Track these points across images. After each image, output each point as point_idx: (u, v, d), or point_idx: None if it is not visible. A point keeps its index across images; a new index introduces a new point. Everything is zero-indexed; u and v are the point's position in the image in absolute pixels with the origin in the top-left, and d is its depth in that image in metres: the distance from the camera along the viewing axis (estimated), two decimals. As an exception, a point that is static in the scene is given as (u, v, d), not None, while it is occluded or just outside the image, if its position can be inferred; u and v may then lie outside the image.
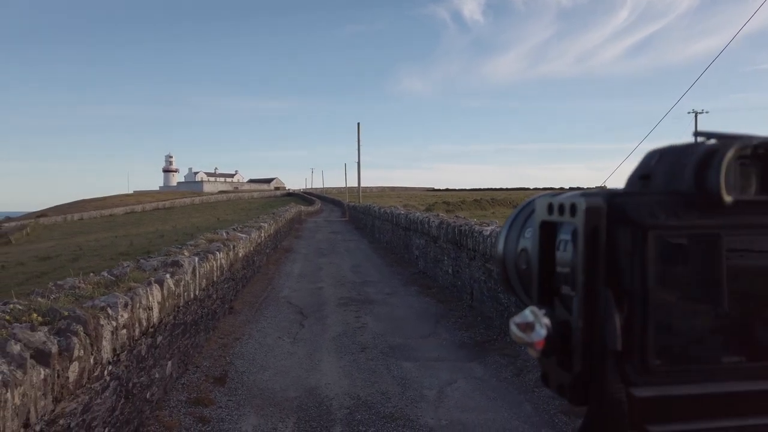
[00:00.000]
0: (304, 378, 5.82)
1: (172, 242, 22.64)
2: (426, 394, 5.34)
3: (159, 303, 4.91)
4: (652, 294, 0.39)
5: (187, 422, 4.73)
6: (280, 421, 4.78)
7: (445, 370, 6.04)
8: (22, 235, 51.06)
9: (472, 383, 5.61)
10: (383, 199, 66.53)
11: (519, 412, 4.92)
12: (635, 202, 0.40)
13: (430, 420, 4.79)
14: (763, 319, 0.41)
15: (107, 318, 3.72)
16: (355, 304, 9.56)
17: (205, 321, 6.90)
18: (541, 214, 0.45)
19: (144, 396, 4.57)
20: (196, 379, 5.74)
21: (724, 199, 0.39)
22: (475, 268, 8.99)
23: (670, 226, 0.40)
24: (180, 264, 6.01)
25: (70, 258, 23.91)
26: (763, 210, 0.41)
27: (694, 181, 0.40)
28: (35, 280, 17.15)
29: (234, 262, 9.26)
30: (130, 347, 4.18)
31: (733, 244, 0.40)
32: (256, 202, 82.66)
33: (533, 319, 0.43)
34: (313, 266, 14.47)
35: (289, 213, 27.27)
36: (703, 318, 0.41)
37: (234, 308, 8.93)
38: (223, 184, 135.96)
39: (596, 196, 0.41)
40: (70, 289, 4.35)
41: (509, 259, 0.56)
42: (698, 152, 0.41)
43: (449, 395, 5.32)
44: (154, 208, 79.91)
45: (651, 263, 0.39)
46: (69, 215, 69.68)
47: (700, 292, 0.40)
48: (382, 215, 21.47)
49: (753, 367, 0.41)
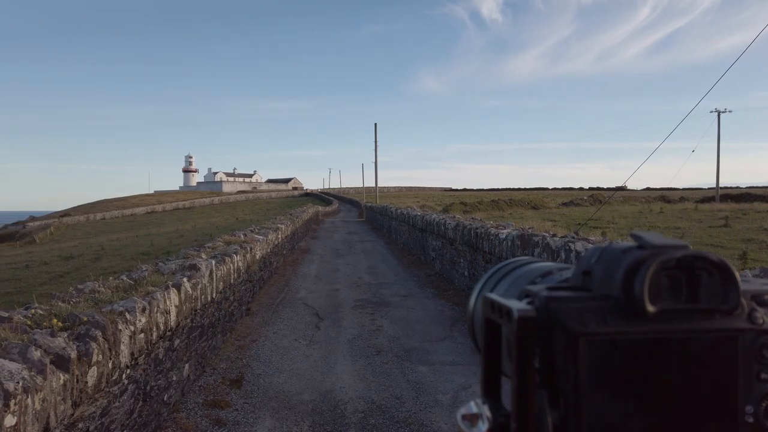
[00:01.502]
0: (319, 381, 5.85)
1: (191, 242, 22.90)
2: (440, 399, 5.34)
3: (176, 307, 4.98)
4: (585, 394, 0.41)
5: (204, 425, 4.79)
6: (295, 425, 4.82)
7: (459, 374, 6.03)
8: (46, 234, 52.07)
9: (486, 388, 5.59)
10: (400, 199, 66.47)
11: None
12: (567, 308, 0.42)
13: (444, 425, 4.79)
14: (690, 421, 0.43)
15: (125, 323, 3.79)
16: (371, 306, 9.58)
17: (222, 323, 6.98)
18: (486, 310, 0.46)
19: (161, 398, 4.64)
20: (213, 381, 5.81)
21: (647, 309, 0.42)
22: (491, 271, 8.95)
23: (599, 332, 0.42)
24: (197, 267, 6.09)
25: (92, 257, 24.33)
26: (687, 317, 0.43)
27: (622, 288, 0.43)
28: (58, 280, 17.49)
29: (251, 264, 9.34)
30: (147, 351, 4.25)
31: (659, 349, 0.43)
32: (274, 202, 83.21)
33: (477, 411, 0.45)
34: (330, 267, 14.52)
35: (307, 213, 27.40)
36: (635, 418, 0.42)
37: (251, 310, 9.02)
38: (242, 184, 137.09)
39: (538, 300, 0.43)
40: (89, 294, 4.44)
41: (477, 317, 0.58)
42: (627, 261, 0.43)
43: (464, 400, 5.31)
44: (175, 208, 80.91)
45: (582, 366, 0.41)
46: (91, 215, 70.88)
47: (630, 393, 0.42)
48: (399, 216, 21.47)
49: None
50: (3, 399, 2.36)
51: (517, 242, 7.79)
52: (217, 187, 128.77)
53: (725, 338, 0.44)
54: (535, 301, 0.44)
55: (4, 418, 2.35)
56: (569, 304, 0.43)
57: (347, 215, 49.47)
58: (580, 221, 23.06)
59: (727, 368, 0.44)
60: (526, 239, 7.50)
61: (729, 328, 0.44)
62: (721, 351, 0.44)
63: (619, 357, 0.42)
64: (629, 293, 0.42)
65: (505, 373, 0.47)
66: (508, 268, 0.61)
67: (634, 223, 23.50)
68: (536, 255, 7.03)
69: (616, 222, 23.53)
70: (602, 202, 41.44)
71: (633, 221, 24.40)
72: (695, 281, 0.44)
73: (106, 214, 72.16)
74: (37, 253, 31.91)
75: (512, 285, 0.57)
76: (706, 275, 0.44)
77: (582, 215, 29.19)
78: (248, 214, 54.28)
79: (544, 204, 48.57)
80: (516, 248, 7.80)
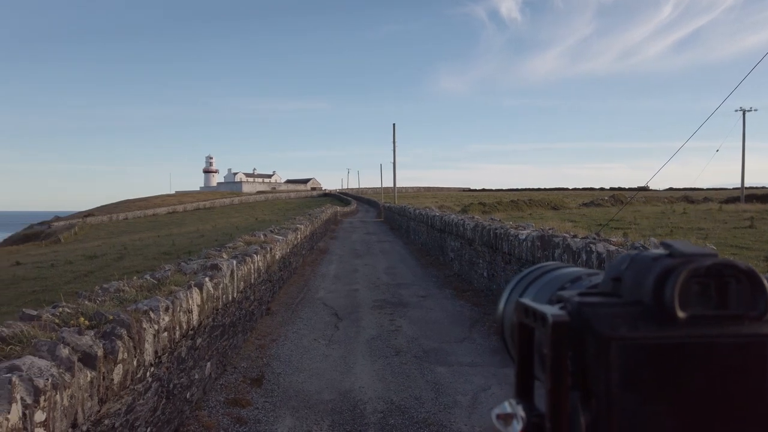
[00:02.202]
0: (338, 381, 5.89)
1: (212, 242, 23.16)
2: (460, 400, 5.33)
3: (198, 306, 5.05)
4: (616, 397, 0.43)
5: (225, 423, 4.85)
6: (315, 424, 4.85)
7: (479, 375, 6.01)
8: (71, 234, 53.09)
9: (506, 390, 5.57)
10: (419, 199, 66.38)
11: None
12: (599, 314, 0.44)
13: (464, 426, 4.78)
14: (720, 425, 0.44)
15: (149, 321, 3.86)
16: (389, 306, 9.59)
17: (242, 322, 7.05)
18: (520, 315, 0.48)
19: (184, 396, 4.71)
20: (234, 380, 5.88)
21: (677, 314, 0.43)
22: (511, 271, 8.90)
23: (629, 337, 0.43)
24: (219, 267, 6.17)
25: (115, 257, 24.75)
26: (717, 323, 0.44)
27: (653, 294, 0.44)
28: (82, 279, 17.82)
29: (271, 264, 9.43)
30: (171, 349, 4.32)
31: (689, 354, 0.44)
32: (293, 203, 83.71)
33: (511, 411, 0.47)
34: (349, 268, 14.57)
35: (325, 214, 27.53)
36: (665, 421, 0.44)
37: (271, 310, 9.10)
38: (261, 185, 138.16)
39: (570, 305, 0.45)
40: (114, 293, 4.53)
41: (507, 320, 0.60)
42: (658, 268, 0.45)
43: (483, 402, 5.29)
44: (195, 208, 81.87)
45: (614, 370, 0.43)
46: (114, 215, 72.09)
47: (661, 397, 0.44)
48: (417, 216, 21.46)
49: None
50: (33, 395, 2.42)
51: (537, 243, 7.73)
52: (237, 187, 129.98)
53: (754, 343, 0.45)
54: (567, 306, 0.45)
55: (35, 414, 2.41)
56: (601, 309, 0.45)
57: (365, 215, 49.56)
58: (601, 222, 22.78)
59: (756, 373, 0.45)
60: (546, 240, 7.45)
61: (758, 333, 0.45)
62: (751, 356, 0.45)
63: (649, 361, 0.44)
64: (660, 299, 0.44)
65: (537, 376, 0.49)
66: (536, 273, 0.63)
67: (657, 223, 23.15)
68: (557, 256, 6.97)
69: (638, 223, 23.20)
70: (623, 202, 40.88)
71: (655, 222, 24.04)
72: (724, 288, 0.45)
73: (128, 214, 73.33)
74: (62, 252, 32.57)
75: (542, 290, 0.59)
76: (734, 282, 0.45)
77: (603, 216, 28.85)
78: (267, 215, 54.70)
79: (564, 204, 48.09)
80: (536, 249, 7.75)
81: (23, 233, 60.99)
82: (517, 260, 8.58)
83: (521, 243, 8.39)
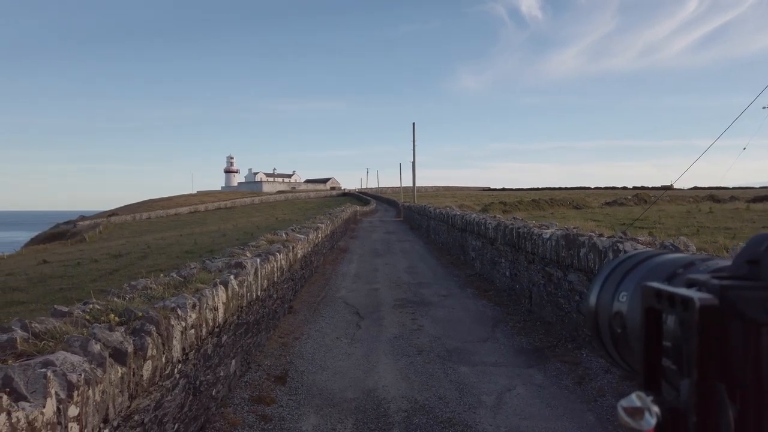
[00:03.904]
0: (361, 379, 5.88)
1: (233, 241, 23.37)
2: (484, 400, 5.28)
3: (224, 304, 5.09)
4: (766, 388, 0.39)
5: (250, 420, 4.88)
6: (339, 422, 4.85)
7: (503, 375, 5.95)
8: (96, 233, 54.04)
9: (531, 390, 5.51)
10: (438, 199, 66.15)
11: (581, 421, 4.79)
12: (747, 297, 0.40)
13: (489, 427, 4.73)
14: None
15: (177, 318, 3.90)
16: (411, 305, 9.57)
17: (266, 321, 7.09)
18: (649, 300, 0.45)
19: (210, 393, 4.75)
20: (258, 377, 5.91)
21: None
22: (534, 271, 8.81)
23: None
24: (243, 265, 6.21)
25: (139, 256, 25.10)
26: None
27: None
28: (108, 277, 18.11)
29: (293, 262, 9.47)
30: (197, 346, 4.36)
31: None
32: (313, 202, 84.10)
33: (641, 404, 0.43)
34: (369, 267, 14.58)
35: (345, 213, 27.59)
36: None
37: (293, 308, 9.14)
38: (281, 184, 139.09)
39: (708, 289, 0.41)
40: (142, 290, 4.58)
41: (602, 316, 0.56)
42: None
43: (508, 402, 5.24)
44: (217, 208, 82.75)
45: (764, 358, 0.39)
46: (138, 214, 73.21)
47: None
48: (437, 216, 21.38)
49: None
50: (67, 390, 2.45)
51: (561, 242, 7.63)
52: (257, 187, 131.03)
53: None
54: (704, 289, 0.41)
55: (68, 409, 2.44)
56: (748, 292, 0.41)
57: (385, 215, 49.57)
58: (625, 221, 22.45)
59: None
60: (571, 239, 7.35)
61: None
62: None
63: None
64: None
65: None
66: (632, 261, 0.58)
67: (682, 223, 22.73)
68: (582, 255, 6.87)
69: (662, 222, 22.82)
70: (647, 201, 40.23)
71: (681, 221, 23.61)
72: None
73: (151, 214, 74.40)
74: (88, 251, 33.16)
75: (645, 278, 0.55)
76: None
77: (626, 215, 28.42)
78: (288, 214, 55.03)
79: (586, 203, 47.51)
80: (561, 248, 7.65)
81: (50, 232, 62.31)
82: (541, 260, 8.48)
83: (545, 242, 8.30)
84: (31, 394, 2.27)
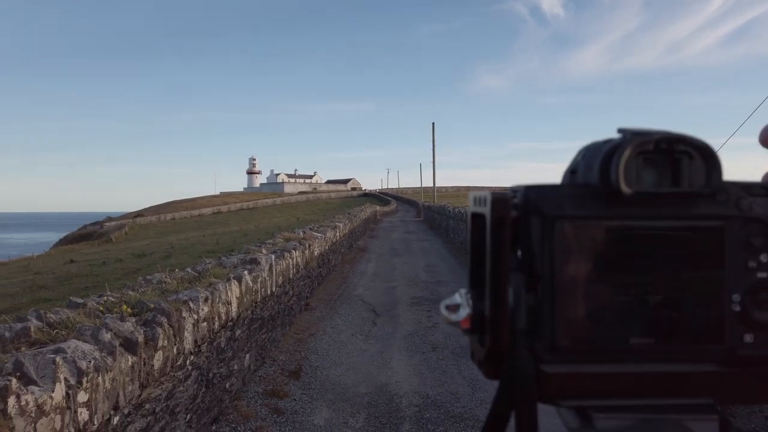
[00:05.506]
0: (375, 375, 5.90)
1: (254, 241, 23.61)
2: (497, 396, 5.25)
3: (237, 298, 5.16)
4: (560, 279, 0.42)
5: (263, 413, 4.93)
6: (351, 416, 4.87)
7: (517, 372, 5.91)
8: (121, 233, 55.09)
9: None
10: (459, 199, 65.87)
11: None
12: (546, 195, 0.44)
13: (501, 422, 4.71)
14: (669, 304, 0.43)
15: (189, 311, 3.96)
16: (427, 303, 9.56)
17: (281, 317, 7.16)
18: (471, 206, 0.49)
19: (223, 386, 4.81)
20: (272, 372, 5.97)
21: (623, 191, 0.42)
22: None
23: (575, 215, 0.43)
24: (257, 261, 6.28)
25: (162, 255, 25.54)
26: (669, 202, 0.43)
27: (599, 173, 0.43)
28: (131, 276, 18.47)
29: (309, 260, 9.53)
30: (210, 339, 4.42)
31: (642, 234, 0.43)
32: (334, 203, 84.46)
33: (460, 300, 0.47)
34: (387, 266, 14.60)
35: (365, 213, 27.65)
36: (614, 303, 0.43)
37: (309, 305, 9.20)
38: (302, 185, 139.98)
39: (518, 192, 0.45)
40: (157, 284, 4.67)
41: None
42: (605, 148, 0.44)
43: (521, 398, 5.20)
44: (239, 209, 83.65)
45: (558, 251, 0.42)
46: (162, 215, 74.40)
47: (610, 278, 0.43)
48: (456, 215, 21.30)
49: (660, 349, 0.43)
50: (76, 376, 2.52)
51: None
52: (279, 188, 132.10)
53: (712, 226, 0.43)
54: (517, 194, 0.45)
55: (78, 394, 2.51)
56: (547, 192, 0.44)
57: (405, 215, 49.54)
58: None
59: (713, 256, 0.43)
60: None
61: (715, 214, 0.43)
62: (708, 238, 0.43)
63: (598, 242, 0.43)
64: (606, 177, 0.43)
65: None
66: None
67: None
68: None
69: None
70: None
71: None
72: (676, 165, 0.43)
73: (175, 215, 75.54)
74: (113, 251, 33.84)
75: None
76: (687, 159, 0.43)
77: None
78: (308, 214, 55.37)
79: (609, 202, 46.79)
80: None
81: (77, 233, 63.72)
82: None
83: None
84: (41, 379, 2.33)
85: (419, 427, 4.67)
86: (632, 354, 0.43)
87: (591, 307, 0.43)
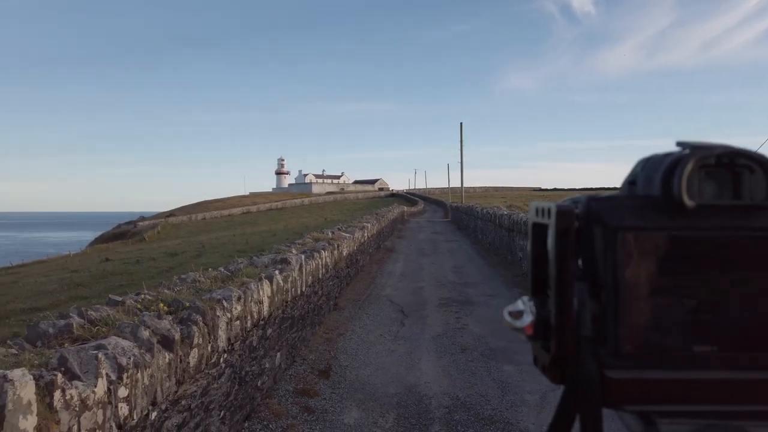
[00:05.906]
0: (403, 375, 5.91)
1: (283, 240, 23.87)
2: (527, 399, 5.21)
3: (269, 297, 5.23)
4: (623, 287, 0.44)
5: (294, 411, 4.99)
6: (381, 416, 4.89)
7: (548, 375, 5.84)
8: (154, 233, 56.28)
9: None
10: (487, 199, 65.35)
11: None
12: (608, 206, 0.46)
13: (531, 425, 4.67)
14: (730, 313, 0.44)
15: (222, 309, 4.04)
16: (455, 304, 9.52)
17: (311, 316, 7.23)
18: (532, 216, 0.51)
19: (255, 384, 4.89)
20: (303, 371, 6.03)
21: (686, 203, 0.44)
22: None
23: (637, 226, 0.44)
24: (288, 261, 6.35)
25: (194, 254, 26.00)
26: (730, 214, 0.44)
27: (661, 185, 0.45)
28: (164, 274, 18.86)
29: (338, 260, 9.59)
30: (243, 337, 4.50)
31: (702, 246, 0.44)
32: (361, 203, 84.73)
33: (523, 307, 0.49)
34: (415, 266, 14.59)
35: (392, 213, 27.67)
36: (676, 312, 0.44)
37: (338, 305, 9.26)
38: (330, 186, 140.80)
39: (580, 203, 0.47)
40: (191, 283, 4.77)
41: None
42: (667, 161, 0.45)
43: (552, 401, 5.14)
44: (268, 209, 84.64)
45: (621, 260, 0.44)
46: (193, 215, 75.77)
47: (672, 288, 0.44)
48: (485, 216, 21.14)
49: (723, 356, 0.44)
50: (117, 372, 2.60)
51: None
52: (307, 188, 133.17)
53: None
54: (579, 205, 0.47)
55: (118, 390, 2.58)
56: (609, 203, 0.46)
57: (432, 215, 49.39)
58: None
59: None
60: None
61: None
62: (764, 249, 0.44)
63: (659, 251, 0.44)
64: (668, 190, 0.44)
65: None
66: None
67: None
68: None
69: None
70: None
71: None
72: (737, 178, 0.45)
73: (206, 215, 76.83)
74: (146, 250, 34.60)
75: None
76: (748, 172, 0.44)
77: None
78: (336, 215, 55.66)
79: (641, 203, 45.79)
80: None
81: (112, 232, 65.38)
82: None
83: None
84: (84, 374, 2.41)
85: (449, 428, 4.66)
86: (695, 361, 0.44)
87: (653, 315, 0.44)
